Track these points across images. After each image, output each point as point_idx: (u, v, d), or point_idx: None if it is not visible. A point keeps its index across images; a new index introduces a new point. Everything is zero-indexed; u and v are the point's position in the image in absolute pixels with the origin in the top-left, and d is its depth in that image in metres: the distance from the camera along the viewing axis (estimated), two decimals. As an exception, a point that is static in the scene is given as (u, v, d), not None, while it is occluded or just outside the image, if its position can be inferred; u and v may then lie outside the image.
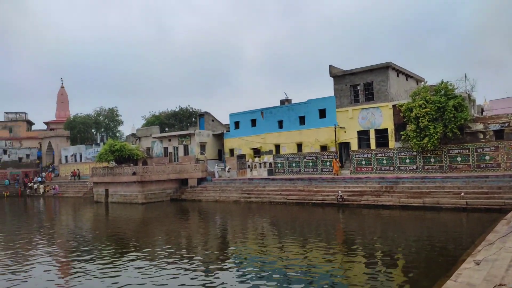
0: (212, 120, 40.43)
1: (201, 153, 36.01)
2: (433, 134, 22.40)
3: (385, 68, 26.50)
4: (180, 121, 53.76)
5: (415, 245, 12.50)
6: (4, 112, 59.69)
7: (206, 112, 40.78)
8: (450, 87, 23.09)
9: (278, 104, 34.54)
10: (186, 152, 36.80)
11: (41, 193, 45.11)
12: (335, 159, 27.27)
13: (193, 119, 52.10)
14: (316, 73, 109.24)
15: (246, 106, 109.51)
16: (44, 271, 11.21)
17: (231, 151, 35.05)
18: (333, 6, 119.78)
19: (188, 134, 36.78)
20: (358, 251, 12.13)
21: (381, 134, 26.39)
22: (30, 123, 60.83)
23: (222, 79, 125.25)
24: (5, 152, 50.41)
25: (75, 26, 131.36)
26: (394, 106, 25.48)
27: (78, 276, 10.46)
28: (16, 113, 59.97)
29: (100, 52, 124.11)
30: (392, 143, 25.68)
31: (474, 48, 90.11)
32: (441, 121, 22.55)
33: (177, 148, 37.67)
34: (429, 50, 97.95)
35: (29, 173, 51.11)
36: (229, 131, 35.98)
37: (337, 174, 26.58)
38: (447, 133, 22.43)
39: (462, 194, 18.93)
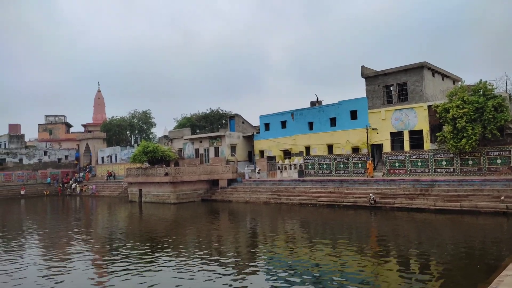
0: (243, 122, 40.69)
1: (232, 155, 36.32)
2: (471, 136, 21.54)
3: (420, 67, 25.76)
4: (211, 123, 54.46)
5: (452, 250, 12.06)
6: (45, 115, 62.78)
7: (236, 114, 41.11)
8: (489, 87, 22.15)
9: (308, 105, 34.34)
10: (216, 153, 37.26)
11: (78, 192, 47.00)
12: (370, 161, 26.67)
13: (224, 121, 52.65)
14: (344, 75, 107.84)
15: (273, 108, 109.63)
16: (82, 268, 11.69)
17: (261, 152, 35.16)
18: (357, 7, 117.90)
19: (219, 136, 37.21)
20: (392, 255, 11.85)
21: (416, 136, 25.66)
22: (68, 126, 63.59)
23: (248, 81, 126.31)
24: (45, 153, 52.85)
25: (105, 33, 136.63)
26: (429, 106, 24.71)
27: (113, 274, 10.82)
28: (55, 116, 62.89)
29: (130, 58, 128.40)
30: (427, 145, 24.91)
31: (508, 47, 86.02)
32: (480, 122, 21.65)
33: (208, 149, 38.20)
34: (460, 50, 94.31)
35: (68, 173, 53.37)
36: (259, 132, 36.11)
37: (372, 176, 26.03)
38: (486, 134, 21.51)
39: (502, 197, 18.09)
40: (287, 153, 33.17)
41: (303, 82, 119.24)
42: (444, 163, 23.87)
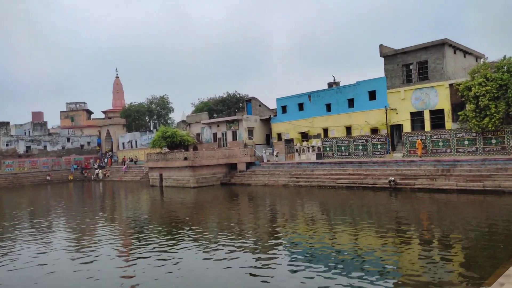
0: (259, 105, 40.63)
1: (249, 138, 36.47)
2: (495, 114, 20.99)
3: (441, 45, 25.03)
4: (228, 107, 54.56)
5: (475, 230, 11.98)
6: (66, 103, 64.03)
7: (253, 97, 41.04)
8: (514, 63, 21.41)
9: (323, 87, 33.96)
10: (234, 137, 37.46)
11: (101, 177, 48.22)
12: (420, 140, 24.84)
13: (241, 104, 52.68)
14: (352, 54, 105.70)
15: (285, 91, 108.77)
16: (109, 254, 12.15)
17: (279, 135, 35.17)
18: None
19: (236, 119, 37.33)
20: (413, 236, 11.87)
21: (437, 115, 25.17)
22: (89, 112, 64.79)
23: (252, 65, 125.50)
24: (68, 140, 54.20)
25: (105, 22, 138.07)
26: (451, 85, 24.12)
27: (137, 257, 11.21)
28: (76, 103, 64.07)
29: (134, 45, 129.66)
30: (448, 124, 24.43)
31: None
32: (504, 100, 21.05)
33: (225, 133, 38.45)
34: (463, 26, 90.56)
35: (89, 159, 54.69)
36: (276, 115, 36.05)
37: (420, 156, 24.37)
38: (510, 113, 20.93)
39: (528, 177, 17.71)
40: (304, 136, 33.10)
41: (312, 64, 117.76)
42: (466, 142, 23.41)
